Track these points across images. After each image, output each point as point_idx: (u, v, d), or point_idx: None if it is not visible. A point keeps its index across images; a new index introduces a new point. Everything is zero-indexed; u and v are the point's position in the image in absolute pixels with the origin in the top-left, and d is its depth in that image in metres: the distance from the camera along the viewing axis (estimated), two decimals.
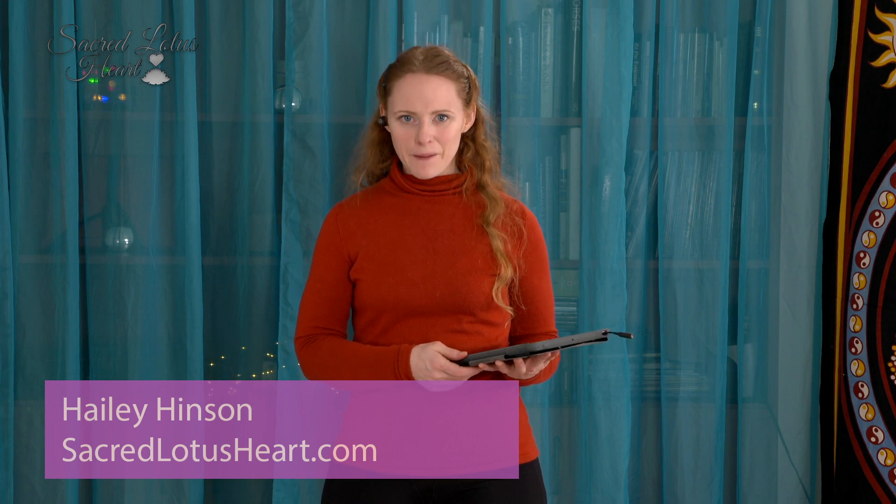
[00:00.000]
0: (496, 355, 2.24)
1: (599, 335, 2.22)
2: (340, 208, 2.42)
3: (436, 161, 2.34)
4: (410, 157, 2.34)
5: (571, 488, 3.16)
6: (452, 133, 2.34)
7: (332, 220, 2.40)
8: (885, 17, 3.01)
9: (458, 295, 2.31)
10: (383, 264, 2.33)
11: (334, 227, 2.39)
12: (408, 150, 2.34)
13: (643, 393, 3.21)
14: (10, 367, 3.01)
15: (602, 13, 3.09)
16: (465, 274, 2.32)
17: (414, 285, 2.30)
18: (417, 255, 2.33)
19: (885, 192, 3.00)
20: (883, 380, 2.99)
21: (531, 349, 2.22)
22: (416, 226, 2.36)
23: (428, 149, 2.32)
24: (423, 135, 2.31)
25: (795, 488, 3.18)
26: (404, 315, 2.31)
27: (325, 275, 2.38)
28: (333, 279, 2.37)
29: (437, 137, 2.32)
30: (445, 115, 2.32)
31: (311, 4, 3.03)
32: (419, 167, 2.34)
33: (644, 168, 3.17)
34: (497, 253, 2.35)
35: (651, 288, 3.21)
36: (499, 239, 2.35)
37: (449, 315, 2.31)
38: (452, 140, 2.35)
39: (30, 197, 3.03)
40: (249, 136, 3.07)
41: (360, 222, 2.38)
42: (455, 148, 2.37)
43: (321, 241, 2.40)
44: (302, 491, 3.04)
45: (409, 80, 2.32)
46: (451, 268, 2.32)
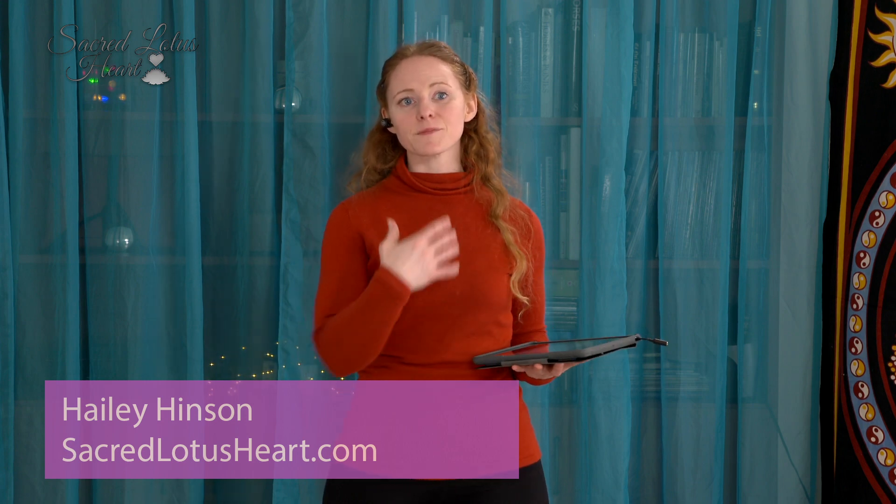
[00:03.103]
0: (537, 358, 2.21)
1: (631, 341, 2.23)
2: (348, 204, 2.36)
3: (440, 137, 2.31)
4: (414, 137, 2.31)
5: (571, 488, 3.16)
6: (455, 112, 2.32)
7: (343, 215, 2.33)
8: (885, 17, 3.01)
9: (477, 292, 2.29)
10: None
11: (346, 223, 2.32)
12: (410, 129, 2.31)
13: (643, 393, 3.21)
14: (10, 367, 3.01)
15: (602, 13, 3.10)
16: (484, 272, 2.31)
17: (434, 285, 2.25)
18: None
19: (885, 192, 3.00)
20: (883, 380, 2.99)
21: (580, 355, 2.17)
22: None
23: (430, 123, 2.29)
24: (424, 108, 2.29)
25: (795, 488, 3.18)
26: (421, 316, 2.26)
27: (337, 269, 2.31)
28: (349, 271, 2.30)
29: (438, 113, 2.30)
30: (444, 92, 2.31)
31: (311, 4, 3.03)
32: (424, 143, 2.30)
33: (644, 168, 3.17)
34: (510, 246, 2.33)
35: (651, 288, 3.21)
36: (509, 232, 2.34)
37: (467, 314, 2.27)
38: (456, 119, 2.33)
39: (30, 197, 3.03)
40: (249, 136, 3.07)
41: (374, 219, 2.32)
42: (459, 129, 2.35)
43: (331, 237, 2.33)
44: (302, 491, 3.04)
45: (405, 64, 2.33)
46: (470, 265, 2.29)
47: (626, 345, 2.23)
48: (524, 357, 2.23)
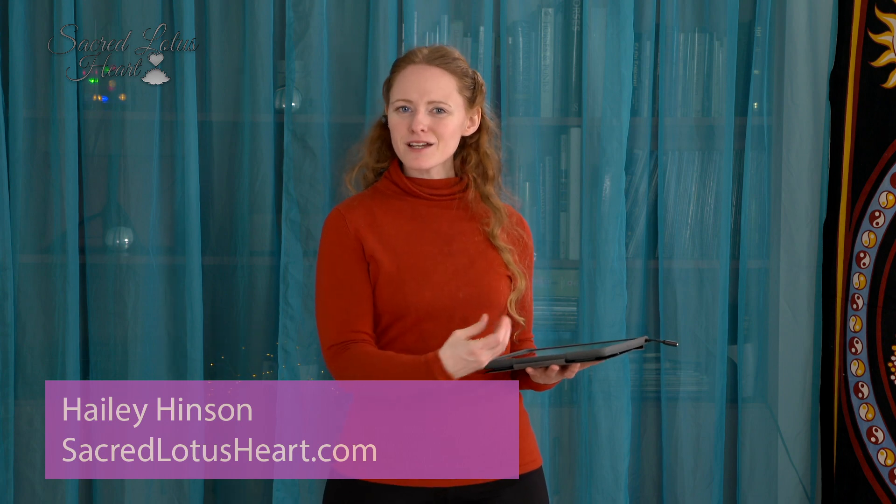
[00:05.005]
0: (555, 359, 2.18)
1: (641, 343, 2.23)
2: (344, 208, 2.34)
3: (430, 153, 2.29)
4: (404, 147, 2.30)
5: (571, 488, 3.16)
6: (450, 128, 2.30)
7: (340, 221, 2.31)
8: (885, 17, 3.01)
9: (481, 293, 2.28)
10: (403, 268, 2.27)
11: (344, 229, 2.30)
12: (402, 138, 2.30)
13: (643, 393, 3.21)
14: (10, 367, 3.01)
15: (602, 13, 3.10)
16: (485, 273, 2.31)
17: (438, 287, 2.26)
18: (436, 258, 2.29)
19: (885, 192, 3.00)
20: (883, 380, 2.99)
21: (600, 354, 2.15)
22: (429, 229, 2.32)
23: (420, 137, 2.28)
24: (416, 122, 2.27)
25: (795, 488, 3.18)
26: (423, 319, 2.26)
27: (344, 276, 2.28)
28: (355, 279, 2.28)
29: (432, 128, 2.29)
30: (442, 108, 2.29)
31: (311, 4, 3.03)
32: (412, 158, 2.30)
33: (644, 168, 3.17)
34: (509, 265, 2.33)
35: (651, 288, 3.21)
36: (508, 252, 2.34)
37: (471, 317, 2.24)
38: (450, 136, 2.31)
39: (30, 197, 3.03)
40: (249, 136, 3.07)
41: (371, 224, 2.31)
42: (454, 145, 2.34)
43: (331, 242, 2.31)
44: (302, 491, 3.04)
45: (410, 71, 2.31)
46: (472, 267, 2.30)
47: (636, 346, 2.23)
48: (540, 359, 2.20)
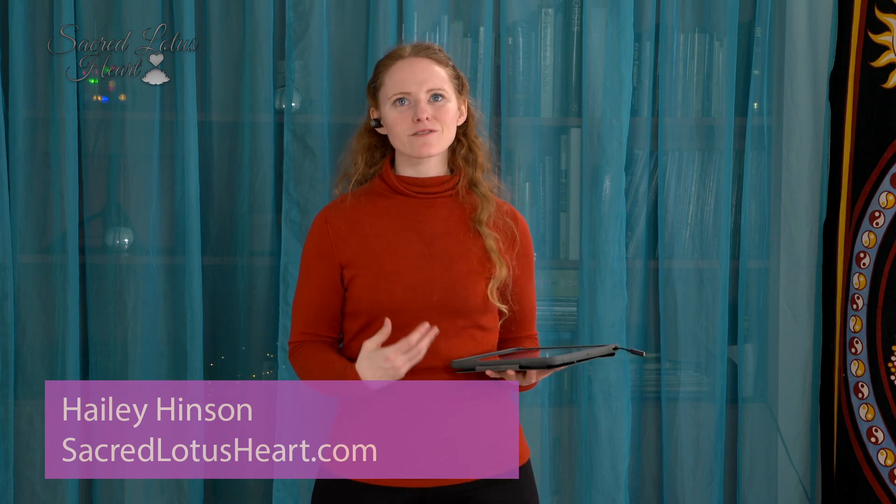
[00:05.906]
0: (509, 364, 2.21)
1: (609, 350, 2.22)
2: (329, 212, 2.37)
3: (435, 139, 2.32)
4: (409, 138, 2.32)
5: (571, 488, 3.16)
6: (450, 114, 2.34)
7: (322, 226, 2.36)
8: (885, 17, 3.01)
9: (455, 298, 2.29)
10: (379, 268, 2.30)
11: (324, 233, 2.35)
12: (405, 130, 2.32)
13: (643, 393, 3.21)
14: (10, 367, 3.01)
15: (602, 13, 3.10)
16: (463, 277, 2.31)
17: (411, 289, 2.28)
18: (414, 259, 2.31)
19: (885, 192, 3.00)
20: (883, 380, 2.99)
21: (550, 363, 2.18)
22: (411, 229, 2.34)
23: (427, 125, 2.30)
24: (421, 111, 2.30)
25: (795, 488, 3.18)
26: (399, 320, 2.26)
27: (315, 280, 2.34)
28: (324, 285, 2.34)
29: (435, 116, 2.31)
30: (440, 94, 2.32)
31: (311, 4, 3.03)
32: (419, 145, 2.31)
33: (644, 168, 3.17)
34: (491, 252, 2.33)
35: (651, 288, 3.21)
36: (491, 238, 2.34)
37: (445, 319, 2.27)
38: (450, 122, 2.34)
39: (30, 197, 3.03)
40: (249, 136, 3.07)
41: (352, 226, 2.35)
42: (453, 132, 2.36)
43: (310, 246, 2.36)
44: (302, 491, 3.04)
45: (401, 65, 2.34)
46: (449, 271, 2.31)
47: (603, 353, 2.24)
48: (497, 363, 2.22)
